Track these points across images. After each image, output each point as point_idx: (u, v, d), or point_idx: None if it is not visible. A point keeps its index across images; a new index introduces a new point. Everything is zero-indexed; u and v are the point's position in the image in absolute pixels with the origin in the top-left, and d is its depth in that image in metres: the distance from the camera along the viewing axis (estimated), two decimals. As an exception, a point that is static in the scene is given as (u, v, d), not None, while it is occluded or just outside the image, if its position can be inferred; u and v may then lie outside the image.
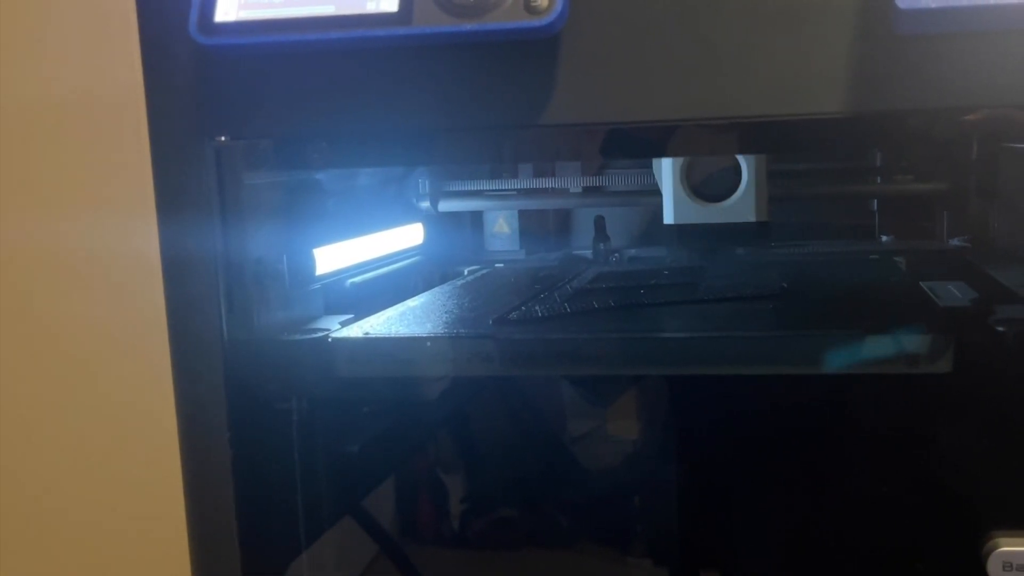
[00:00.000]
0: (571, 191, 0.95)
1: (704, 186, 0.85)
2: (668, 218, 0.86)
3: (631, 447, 0.72)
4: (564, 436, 0.73)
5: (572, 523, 0.72)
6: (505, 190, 0.97)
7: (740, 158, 0.83)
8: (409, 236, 0.89)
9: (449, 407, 0.70)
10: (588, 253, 0.96)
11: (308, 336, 0.62)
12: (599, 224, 0.96)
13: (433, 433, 0.73)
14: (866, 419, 0.60)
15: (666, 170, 0.85)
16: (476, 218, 1.00)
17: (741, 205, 0.84)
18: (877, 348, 0.57)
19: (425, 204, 0.93)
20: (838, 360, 0.57)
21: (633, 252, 0.97)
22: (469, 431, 0.74)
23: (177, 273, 0.56)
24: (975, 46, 0.46)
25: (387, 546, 0.71)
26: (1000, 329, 0.55)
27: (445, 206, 0.95)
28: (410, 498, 0.74)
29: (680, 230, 0.86)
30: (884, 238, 0.95)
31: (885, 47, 0.47)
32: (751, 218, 0.84)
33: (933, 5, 0.44)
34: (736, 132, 0.51)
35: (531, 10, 0.47)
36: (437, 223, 0.94)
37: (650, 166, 0.91)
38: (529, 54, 0.50)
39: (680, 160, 0.84)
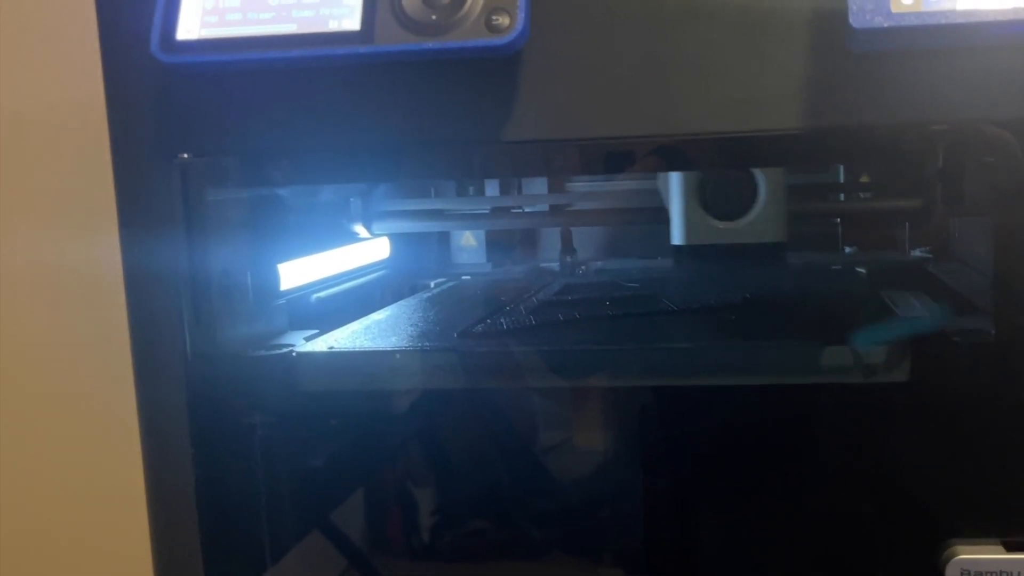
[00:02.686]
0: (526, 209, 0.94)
1: (719, 203, 0.78)
2: (676, 238, 0.80)
3: (597, 458, 0.72)
4: (530, 448, 0.73)
5: (541, 535, 0.72)
6: (451, 210, 0.93)
7: (757, 172, 0.77)
8: (375, 250, 0.89)
9: (415, 420, 0.70)
10: (555, 266, 0.97)
11: (272, 351, 0.62)
12: (566, 237, 0.96)
13: (399, 447, 0.73)
14: (825, 428, 0.61)
15: (675, 186, 0.79)
16: (443, 232, 1.00)
17: (758, 224, 0.77)
18: (836, 358, 0.58)
19: (357, 226, 0.86)
20: (797, 370, 0.58)
21: (600, 264, 0.98)
22: (435, 444, 0.74)
23: (140, 289, 0.56)
24: (927, 63, 0.47)
25: (356, 561, 0.71)
26: (956, 339, 0.56)
27: (380, 228, 0.88)
28: (377, 513, 0.74)
29: (687, 251, 0.80)
30: (847, 249, 0.97)
31: (840, 64, 0.48)
32: (769, 238, 0.78)
33: (885, 24, 0.45)
34: (695, 148, 0.52)
35: (492, 28, 0.47)
36: (403, 237, 0.94)
37: (601, 180, 0.87)
38: (491, 72, 0.50)
39: (692, 175, 0.78)
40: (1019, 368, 0.51)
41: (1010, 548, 0.50)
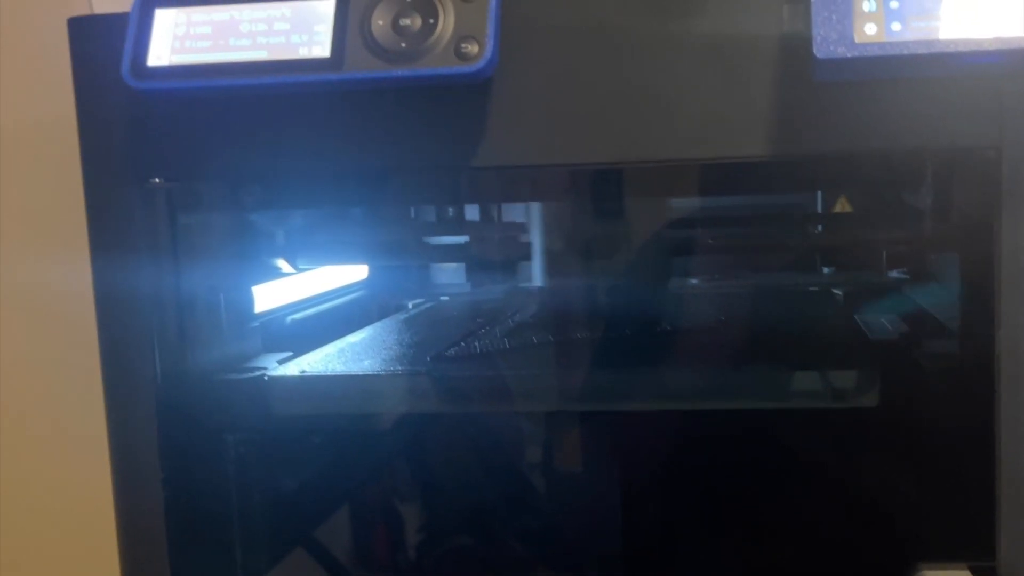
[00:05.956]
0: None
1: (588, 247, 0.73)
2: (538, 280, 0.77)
3: (567, 481, 0.72)
4: (502, 471, 0.73)
5: (517, 557, 0.72)
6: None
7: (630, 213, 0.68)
8: (353, 271, 0.89)
9: (388, 445, 0.70)
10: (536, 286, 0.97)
11: (243, 375, 0.61)
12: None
13: (373, 471, 0.73)
14: (797, 453, 0.61)
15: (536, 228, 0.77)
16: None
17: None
18: (809, 383, 0.58)
19: (279, 262, 0.72)
20: (768, 395, 0.58)
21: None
22: (408, 468, 0.74)
23: (111, 311, 0.56)
24: (888, 92, 0.48)
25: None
26: (923, 364, 0.56)
27: (306, 262, 0.74)
28: (351, 538, 0.74)
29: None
30: (825, 270, 0.97)
31: (805, 94, 0.48)
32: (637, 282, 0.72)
33: (848, 54, 0.45)
34: (663, 175, 0.52)
35: (461, 56, 0.48)
36: (382, 257, 0.93)
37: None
38: (461, 98, 0.51)
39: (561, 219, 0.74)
40: (987, 392, 0.52)
41: (977, 573, 0.50)
